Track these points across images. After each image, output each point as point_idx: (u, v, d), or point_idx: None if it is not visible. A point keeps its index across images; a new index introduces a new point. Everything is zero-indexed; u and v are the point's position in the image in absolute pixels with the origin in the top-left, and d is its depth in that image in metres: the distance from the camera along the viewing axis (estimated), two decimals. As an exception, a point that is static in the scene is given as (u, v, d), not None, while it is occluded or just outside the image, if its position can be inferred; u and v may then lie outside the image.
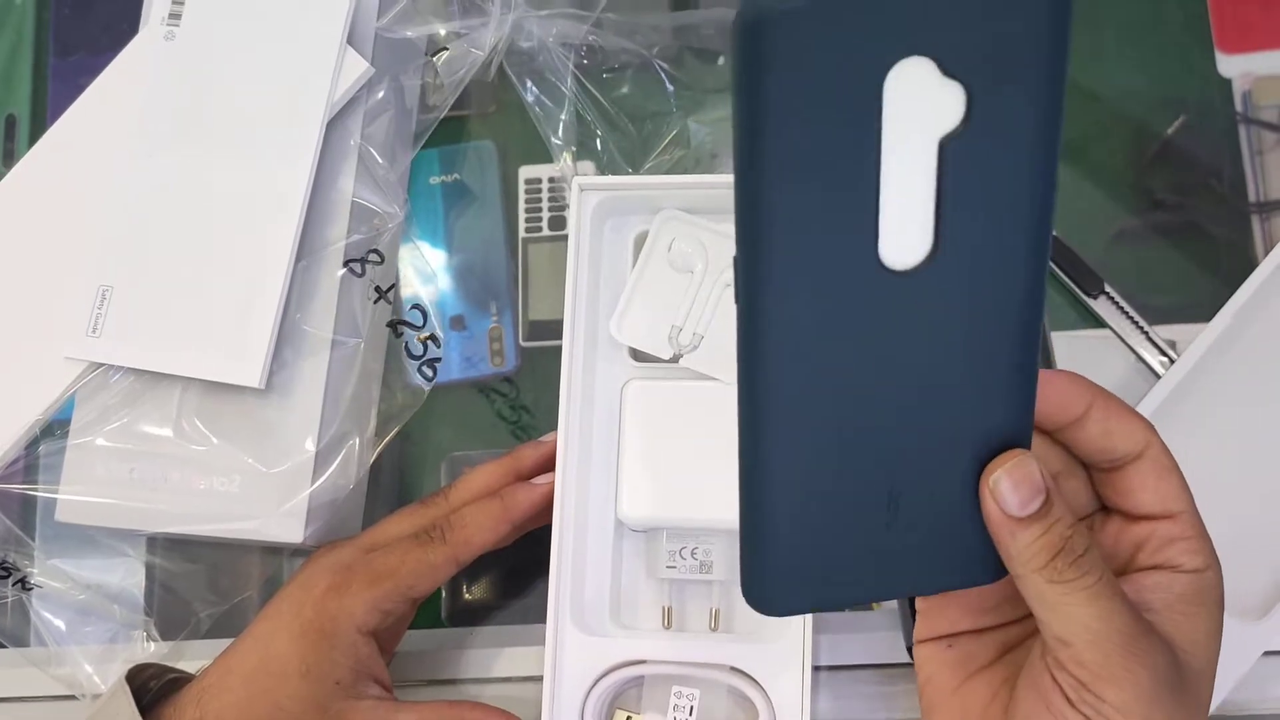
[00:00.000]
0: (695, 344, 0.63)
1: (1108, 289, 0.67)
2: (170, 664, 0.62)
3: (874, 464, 0.37)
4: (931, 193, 0.33)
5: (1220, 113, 0.71)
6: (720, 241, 0.65)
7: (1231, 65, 0.72)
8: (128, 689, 0.57)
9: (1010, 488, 0.37)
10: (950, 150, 0.32)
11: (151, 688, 0.59)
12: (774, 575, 0.39)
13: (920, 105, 0.31)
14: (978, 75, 0.31)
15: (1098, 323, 0.68)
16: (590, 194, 0.65)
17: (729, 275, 0.65)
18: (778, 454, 0.37)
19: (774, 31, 0.29)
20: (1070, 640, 0.37)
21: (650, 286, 0.64)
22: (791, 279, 0.33)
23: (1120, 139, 0.72)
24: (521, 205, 0.75)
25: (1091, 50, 0.73)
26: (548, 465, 0.63)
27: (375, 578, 0.57)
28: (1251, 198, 0.70)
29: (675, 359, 0.63)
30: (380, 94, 0.70)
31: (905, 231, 0.33)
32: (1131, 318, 0.67)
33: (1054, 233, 0.67)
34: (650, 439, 0.62)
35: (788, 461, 0.37)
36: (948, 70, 0.31)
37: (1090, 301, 0.67)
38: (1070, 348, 0.67)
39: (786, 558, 0.39)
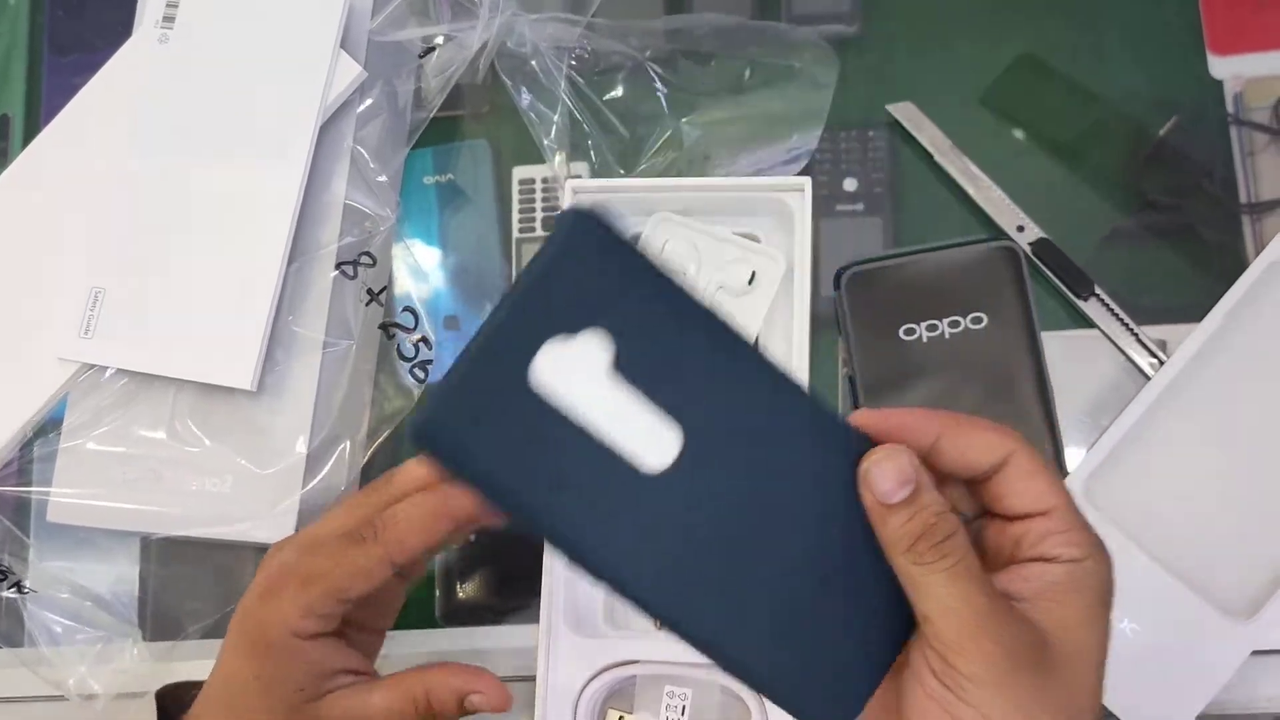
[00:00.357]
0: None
1: (1098, 291, 0.67)
2: (162, 666, 0.62)
3: (786, 599, 0.41)
4: (640, 407, 0.38)
5: (1212, 114, 0.71)
6: (713, 244, 0.66)
7: (1223, 67, 0.72)
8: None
9: (880, 476, 0.40)
10: (621, 374, 0.38)
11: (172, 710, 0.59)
12: (813, 703, 0.43)
13: (573, 362, 0.37)
14: (590, 323, 0.37)
15: (1087, 324, 0.68)
16: (583, 197, 0.65)
17: (721, 277, 0.66)
18: (713, 637, 0.41)
19: (442, 415, 0.36)
20: (932, 618, 0.40)
21: None
22: (600, 538, 0.39)
23: (1114, 140, 0.72)
24: (515, 205, 0.75)
25: (1086, 53, 0.73)
26: None
27: (305, 581, 0.53)
28: (1243, 198, 0.70)
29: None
30: (373, 97, 0.71)
31: (648, 445, 0.38)
32: (1121, 319, 0.67)
33: (1045, 235, 0.68)
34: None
35: (720, 635, 0.41)
36: (571, 331, 0.37)
37: (1081, 303, 0.67)
38: (1061, 348, 0.67)
39: (806, 690, 0.43)
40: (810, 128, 0.71)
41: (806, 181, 0.65)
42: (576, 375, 0.37)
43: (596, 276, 0.37)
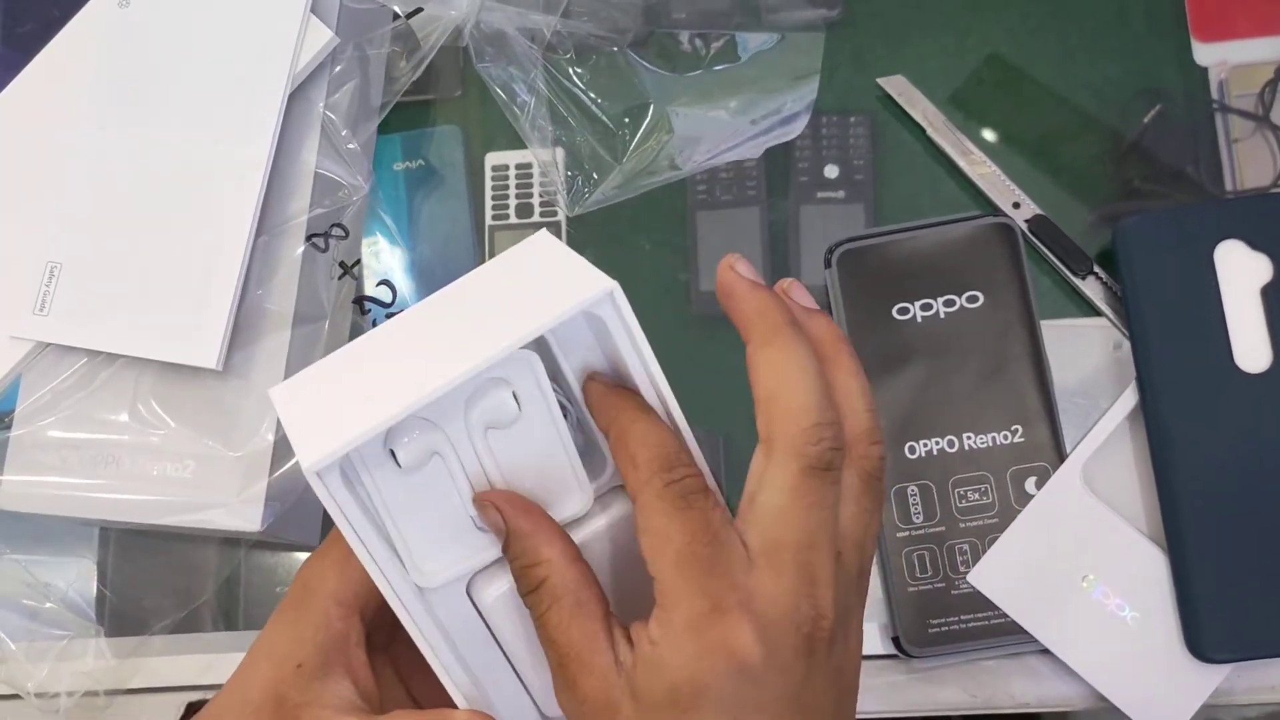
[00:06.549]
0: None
1: (1096, 269, 0.66)
2: (125, 664, 0.61)
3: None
4: (1263, 322, 0.60)
5: (1197, 101, 0.71)
6: None
7: (1208, 54, 0.72)
8: None
9: None
10: (1268, 295, 0.60)
11: None
12: (1210, 633, 0.56)
13: (1241, 268, 0.60)
14: (1277, 246, 0.60)
15: (1085, 303, 0.67)
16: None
17: None
18: (1198, 535, 0.59)
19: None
20: None
21: None
22: (1177, 387, 0.61)
23: (1098, 128, 0.71)
24: (488, 192, 0.73)
25: (1067, 40, 0.72)
26: None
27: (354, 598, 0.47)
28: (1228, 186, 0.69)
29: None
30: (343, 63, 0.68)
31: (1251, 349, 0.59)
32: (1120, 297, 0.66)
33: (1041, 211, 0.67)
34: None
35: (1207, 539, 0.59)
36: (1254, 246, 0.61)
37: (1079, 282, 0.66)
38: (1057, 329, 0.66)
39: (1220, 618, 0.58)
40: (802, 86, 0.70)
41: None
42: (1240, 276, 0.60)
43: None
